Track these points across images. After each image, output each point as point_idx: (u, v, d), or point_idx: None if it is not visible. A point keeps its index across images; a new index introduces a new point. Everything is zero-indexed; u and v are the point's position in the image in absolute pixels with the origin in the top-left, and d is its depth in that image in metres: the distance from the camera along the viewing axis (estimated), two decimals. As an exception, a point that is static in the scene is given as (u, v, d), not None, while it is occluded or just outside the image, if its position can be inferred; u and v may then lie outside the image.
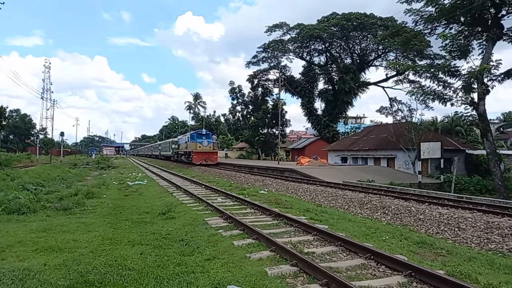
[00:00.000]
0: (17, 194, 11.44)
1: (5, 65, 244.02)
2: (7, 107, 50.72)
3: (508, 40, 23.41)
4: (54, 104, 76.69)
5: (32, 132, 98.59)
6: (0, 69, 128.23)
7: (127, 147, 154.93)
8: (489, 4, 22.48)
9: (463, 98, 22.71)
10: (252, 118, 61.12)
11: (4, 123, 46.69)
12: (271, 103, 60.32)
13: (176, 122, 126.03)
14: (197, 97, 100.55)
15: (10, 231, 7.97)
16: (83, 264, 5.62)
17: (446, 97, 22.94)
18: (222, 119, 79.86)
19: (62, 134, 60.51)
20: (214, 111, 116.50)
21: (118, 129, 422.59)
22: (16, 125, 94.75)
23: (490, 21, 22.93)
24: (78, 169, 33.86)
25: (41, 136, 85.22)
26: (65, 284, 4.80)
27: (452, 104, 23.18)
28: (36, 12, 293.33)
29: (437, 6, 23.90)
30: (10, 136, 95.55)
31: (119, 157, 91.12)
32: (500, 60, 21.74)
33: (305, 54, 57.66)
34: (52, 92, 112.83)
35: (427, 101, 25.87)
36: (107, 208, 11.74)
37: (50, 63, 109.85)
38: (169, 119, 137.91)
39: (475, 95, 22.43)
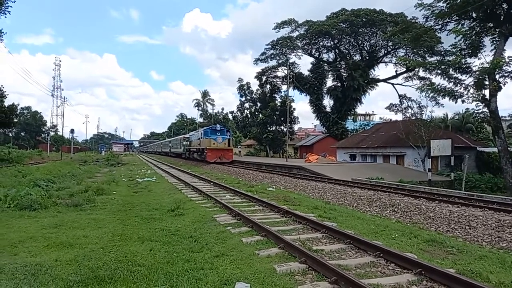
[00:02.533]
0: (28, 191, 11.60)
1: (16, 63, 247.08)
2: (18, 105, 51.40)
3: (521, 36, 22.98)
4: (64, 101, 77.75)
5: (43, 129, 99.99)
6: (11, 66, 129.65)
7: (136, 144, 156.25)
8: (502, -1, 22.11)
9: (474, 95, 22.38)
10: (260, 115, 61.02)
11: (15, 120, 47.24)
12: (279, 100, 60.18)
13: (185, 119, 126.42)
14: (205, 94, 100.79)
15: (22, 227, 8.10)
16: (93, 260, 5.69)
17: (457, 94, 22.60)
18: (230, 116, 79.88)
19: (72, 131, 60.80)
20: (222, 108, 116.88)
21: (127, 126, 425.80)
22: (27, 122, 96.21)
23: (502, 17, 22.53)
24: (88, 165, 34.22)
25: (51, 133, 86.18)
26: (76, 280, 4.86)
27: (463, 101, 22.81)
28: (46, 10, 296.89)
29: (448, 1, 23.55)
30: (22, 133, 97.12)
31: (128, 154, 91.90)
32: (513, 56, 21.37)
33: (313, 50, 57.34)
34: (62, 90, 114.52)
35: (438, 98, 25.60)
36: (117, 205, 11.86)
37: (60, 61, 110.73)
38: (177, 116, 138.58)
39: (486, 92, 22.09)
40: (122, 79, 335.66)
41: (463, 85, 22.68)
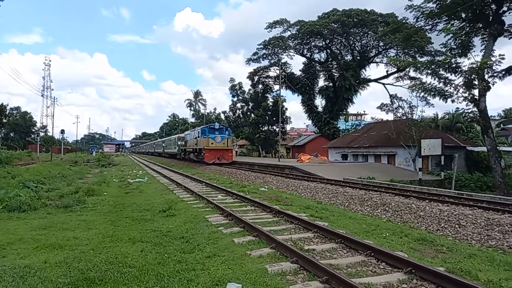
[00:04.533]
0: (17, 192, 11.46)
1: (4, 62, 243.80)
2: (7, 105, 50.84)
3: (509, 36, 23.27)
4: (54, 101, 76.94)
5: (33, 130, 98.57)
6: (0, 66, 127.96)
7: (127, 144, 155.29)
8: (490, 0, 22.39)
9: (464, 95, 22.65)
10: (253, 115, 61.08)
11: (4, 120, 46.72)
12: (271, 100, 60.27)
13: (177, 119, 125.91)
14: (197, 94, 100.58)
15: (10, 228, 7.99)
16: (83, 262, 5.63)
17: (447, 93, 22.83)
18: (222, 116, 79.81)
19: (62, 131, 60.53)
20: (215, 108, 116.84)
21: (119, 127, 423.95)
22: (16, 123, 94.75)
23: (491, 18, 22.82)
24: (79, 166, 33.89)
25: (41, 134, 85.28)
26: (65, 282, 4.81)
27: (453, 101, 23.08)
28: (35, 9, 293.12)
29: (438, 2, 23.81)
30: (11, 134, 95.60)
31: (119, 155, 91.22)
32: (504, 55, 21.63)
33: (305, 51, 57.51)
34: (52, 90, 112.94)
35: (428, 97, 25.81)
36: (107, 206, 11.75)
37: (50, 61, 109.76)
38: (169, 116, 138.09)
39: (476, 92, 22.36)
40: (113, 78, 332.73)
41: (453, 85, 22.93)
